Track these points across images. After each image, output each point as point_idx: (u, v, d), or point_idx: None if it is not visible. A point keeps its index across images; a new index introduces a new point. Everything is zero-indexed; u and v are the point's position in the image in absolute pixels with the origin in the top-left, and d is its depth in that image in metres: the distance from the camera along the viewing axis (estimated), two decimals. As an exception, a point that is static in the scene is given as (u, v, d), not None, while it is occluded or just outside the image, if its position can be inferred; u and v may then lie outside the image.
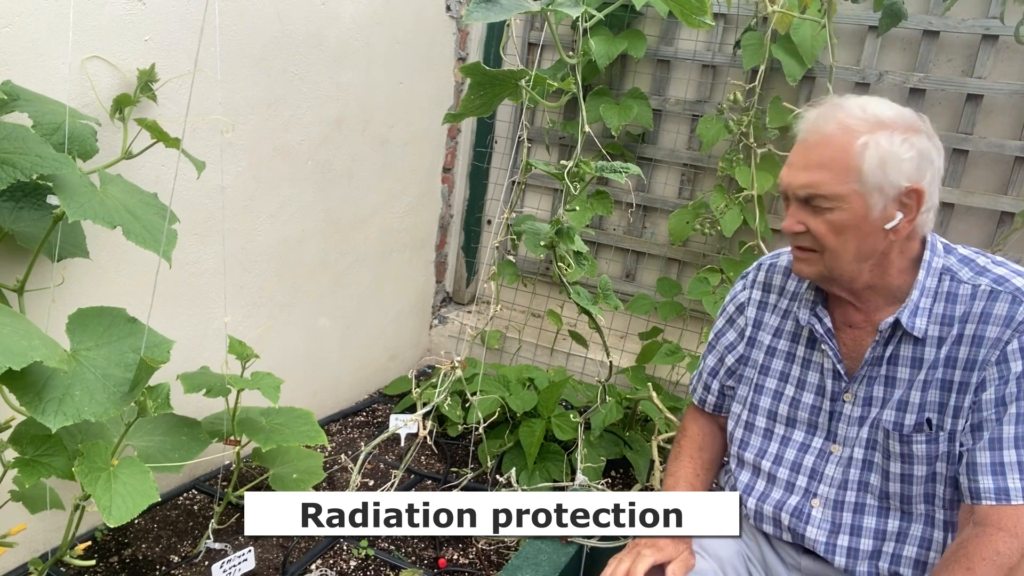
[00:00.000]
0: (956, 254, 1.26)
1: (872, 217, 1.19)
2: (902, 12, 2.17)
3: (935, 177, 1.20)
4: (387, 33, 2.43)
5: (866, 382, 1.30)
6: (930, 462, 1.23)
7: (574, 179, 1.75)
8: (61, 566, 1.77)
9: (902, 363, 1.26)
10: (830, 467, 1.34)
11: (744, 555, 1.44)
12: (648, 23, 2.75)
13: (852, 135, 1.17)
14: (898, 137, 1.16)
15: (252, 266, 2.17)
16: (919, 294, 1.23)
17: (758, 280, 1.46)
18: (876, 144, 1.16)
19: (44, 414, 1.20)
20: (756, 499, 1.41)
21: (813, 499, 1.34)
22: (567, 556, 1.65)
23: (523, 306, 3.13)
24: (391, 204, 2.70)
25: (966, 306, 1.21)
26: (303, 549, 1.98)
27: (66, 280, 1.66)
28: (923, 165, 1.17)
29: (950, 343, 1.21)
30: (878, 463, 1.29)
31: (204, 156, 1.81)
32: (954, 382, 1.21)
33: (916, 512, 1.27)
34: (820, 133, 1.20)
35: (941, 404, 1.22)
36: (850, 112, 1.19)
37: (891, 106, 1.21)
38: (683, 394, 2.69)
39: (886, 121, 1.18)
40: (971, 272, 1.23)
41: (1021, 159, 2.38)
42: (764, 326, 1.43)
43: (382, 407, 2.81)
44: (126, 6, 1.65)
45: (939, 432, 1.22)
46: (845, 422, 1.33)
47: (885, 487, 1.29)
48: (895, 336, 1.26)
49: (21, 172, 1.24)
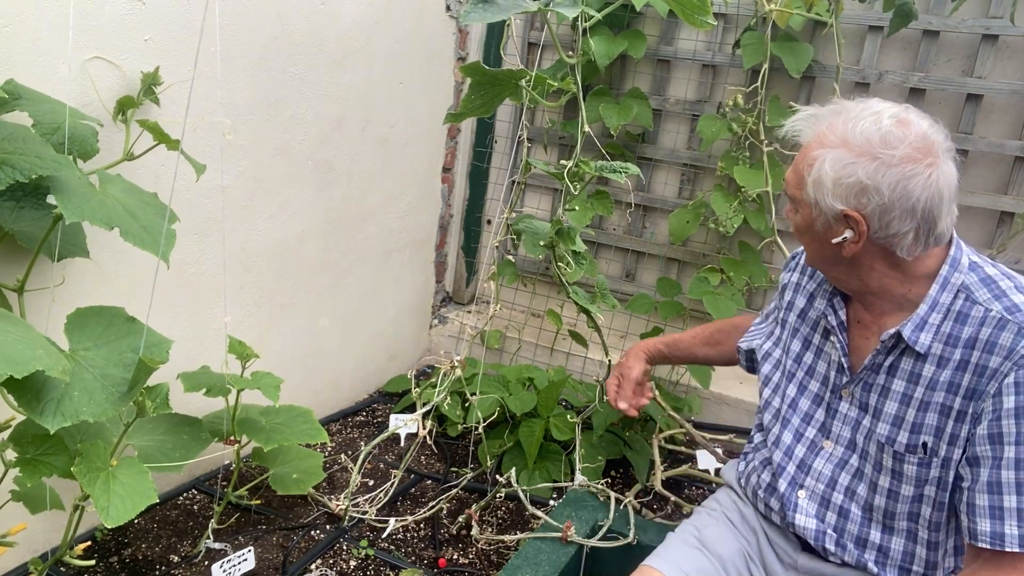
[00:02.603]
0: (980, 272, 1.21)
1: (817, 227, 1.22)
2: (913, 12, 2.16)
3: (888, 209, 1.13)
4: (387, 33, 2.42)
5: (863, 386, 1.30)
6: (919, 484, 1.22)
7: (574, 179, 1.75)
8: (61, 566, 1.78)
9: (900, 375, 1.24)
10: (819, 461, 1.35)
11: (745, 553, 1.44)
12: (648, 23, 2.75)
13: (815, 146, 1.19)
14: (847, 160, 1.14)
15: (252, 266, 2.17)
16: (928, 308, 1.20)
17: (800, 263, 1.49)
18: (822, 162, 1.16)
19: (42, 415, 1.20)
20: (759, 474, 1.44)
21: (799, 489, 1.36)
22: (567, 556, 1.65)
23: (523, 306, 3.13)
24: (391, 204, 2.70)
25: (975, 330, 1.16)
26: (303, 549, 1.98)
27: (66, 280, 1.66)
28: (864, 195, 1.13)
29: (953, 367, 1.18)
30: (867, 474, 1.29)
31: (204, 156, 1.81)
32: (954, 409, 1.18)
33: (898, 527, 1.27)
34: (805, 136, 1.23)
35: (939, 429, 1.19)
36: (832, 124, 1.18)
37: (882, 126, 1.13)
38: (683, 394, 2.69)
39: (851, 142, 1.14)
40: (989, 294, 1.18)
41: (1021, 159, 2.38)
42: (794, 307, 1.46)
43: (382, 407, 2.82)
44: (126, 6, 1.65)
45: (933, 457, 1.20)
46: (840, 420, 1.33)
47: (871, 499, 1.29)
48: (897, 347, 1.24)
49: (20, 173, 1.24)
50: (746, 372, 1.64)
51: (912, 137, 1.13)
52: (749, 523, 1.47)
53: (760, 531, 1.45)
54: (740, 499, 1.51)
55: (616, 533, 1.75)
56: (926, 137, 1.14)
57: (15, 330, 1.17)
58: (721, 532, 1.46)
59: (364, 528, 2.10)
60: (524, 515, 2.22)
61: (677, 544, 1.45)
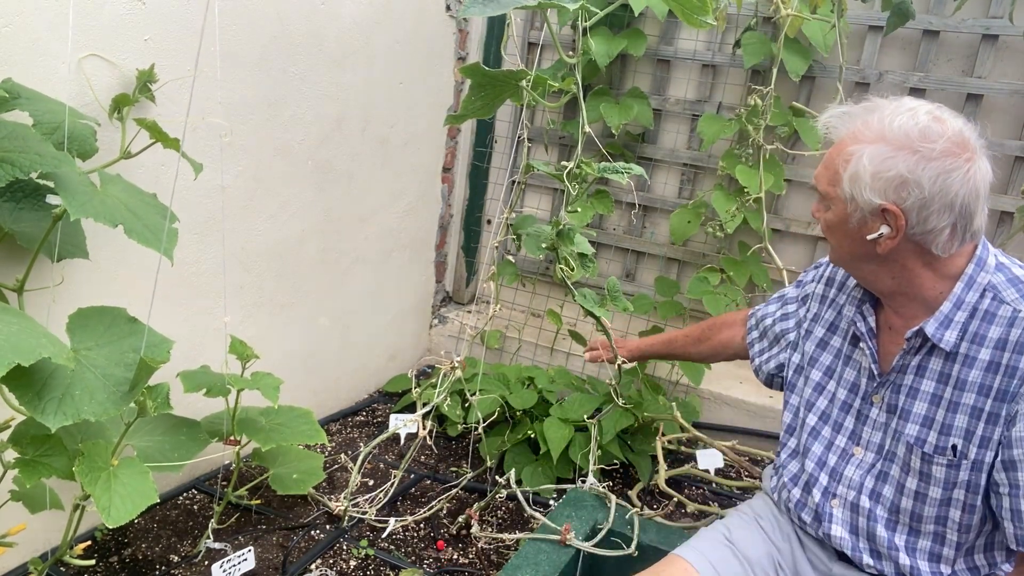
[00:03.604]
0: (1007, 272, 1.19)
1: (851, 224, 1.20)
2: (910, 11, 2.16)
3: (928, 203, 1.13)
4: (387, 33, 2.42)
5: (891, 388, 1.29)
6: (948, 487, 1.21)
7: (575, 180, 1.75)
8: (61, 566, 1.77)
9: (928, 376, 1.23)
10: (850, 468, 1.34)
11: (775, 559, 1.43)
12: (648, 23, 2.75)
13: (850, 142, 1.18)
14: (887, 154, 1.13)
15: (252, 266, 2.17)
16: (951, 306, 1.19)
17: (825, 275, 1.48)
18: (859, 157, 1.16)
19: (44, 414, 1.20)
20: (790, 490, 1.43)
21: (833, 499, 1.35)
22: (567, 556, 1.65)
23: (523, 306, 3.13)
24: (391, 204, 2.70)
25: (1004, 331, 1.15)
26: (303, 549, 1.98)
27: (66, 280, 1.66)
28: (904, 188, 1.13)
29: (983, 368, 1.17)
30: (894, 476, 1.28)
31: (204, 156, 1.81)
32: (984, 411, 1.16)
33: (925, 531, 1.26)
34: (838, 133, 1.22)
35: (968, 431, 1.18)
36: (867, 120, 1.18)
37: (919, 121, 1.13)
38: (683, 394, 2.69)
39: (889, 136, 1.14)
40: (1017, 294, 1.16)
41: (1021, 159, 2.38)
42: (820, 319, 1.45)
43: (382, 407, 2.81)
44: (126, 6, 1.65)
45: (963, 459, 1.19)
46: (870, 426, 1.32)
47: (897, 501, 1.27)
48: (924, 347, 1.23)
49: (20, 170, 1.24)
50: (744, 361, 1.65)
51: (950, 132, 1.13)
52: (783, 531, 1.46)
53: (795, 539, 1.44)
54: (775, 507, 1.50)
55: (616, 534, 1.75)
56: (962, 133, 1.14)
57: (17, 321, 1.17)
58: (751, 535, 1.45)
59: (364, 528, 2.09)
60: (524, 515, 2.22)
61: (707, 538, 1.45)
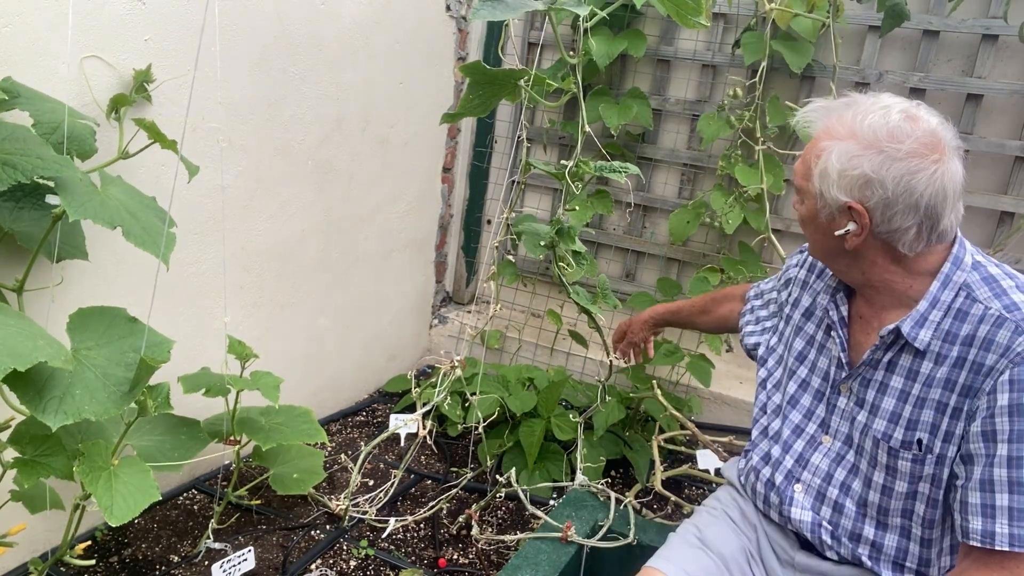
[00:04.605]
0: (983, 271, 1.20)
1: (821, 219, 1.23)
2: (905, 12, 2.17)
3: (891, 203, 1.14)
4: (387, 33, 2.42)
5: (860, 381, 1.30)
6: (913, 481, 1.22)
7: (574, 179, 1.75)
8: (61, 566, 1.77)
9: (898, 372, 1.24)
10: (816, 456, 1.36)
11: (747, 550, 1.45)
12: (648, 23, 2.75)
13: (824, 137, 1.20)
14: (854, 152, 1.14)
15: (252, 266, 2.17)
16: (928, 305, 1.20)
17: (808, 260, 1.49)
18: (829, 153, 1.17)
19: (44, 413, 1.20)
20: (759, 471, 1.44)
21: (796, 483, 1.36)
22: (567, 556, 1.65)
23: (523, 306, 3.13)
24: (391, 204, 2.70)
25: (973, 328, 1.16)
26: (303, 549, 1.98)
27: (65, 280, 1.66)
28: (868, 187, 1.14)
29: (950, 364, 1.18)
30: (863, 469, 1.30)
31: (203, 156, 1.81)
32: (949, 405, 1.18)
33: (892, 524, 1.27)
34: (815, 127, 1.24)
35: (934, 426, 1.19)
36: (842, 116, 1.19)
37: (890, 120, 1.14)
38: (683, 394, 2.69)
39: (859, 134, 1.15)
40: (989, 292, 1.17)
41: (1021, 159, 2.38)
42: (798, 305, 1.46)
43: (382, 407, 2.81)
44: (126, 6, 1.65)
45: (928, 454, 1.20)
46: (838, 415, 1.34)
47: (865, 494, 1.29)
48: (896, 343, 1.24)
49: (22, 174, 1.24)
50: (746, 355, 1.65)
51: (920, 132, 1.13)
52: (749, 520, 1.47)
53: (760, 528, 1.45)
54: (740, 496, 1.52)
55: (616, 533, 1.75)
56: (934, 133, 1.15)
57: (14, 323, 1.17)
58: (722, 530, 1.46)
59: (364, 528, 2.09)
60: (524, 515, 2.22)
61: (679, 544, 1.45)
